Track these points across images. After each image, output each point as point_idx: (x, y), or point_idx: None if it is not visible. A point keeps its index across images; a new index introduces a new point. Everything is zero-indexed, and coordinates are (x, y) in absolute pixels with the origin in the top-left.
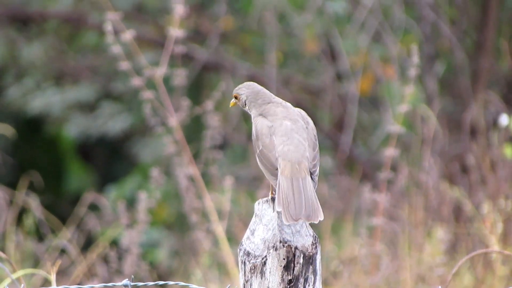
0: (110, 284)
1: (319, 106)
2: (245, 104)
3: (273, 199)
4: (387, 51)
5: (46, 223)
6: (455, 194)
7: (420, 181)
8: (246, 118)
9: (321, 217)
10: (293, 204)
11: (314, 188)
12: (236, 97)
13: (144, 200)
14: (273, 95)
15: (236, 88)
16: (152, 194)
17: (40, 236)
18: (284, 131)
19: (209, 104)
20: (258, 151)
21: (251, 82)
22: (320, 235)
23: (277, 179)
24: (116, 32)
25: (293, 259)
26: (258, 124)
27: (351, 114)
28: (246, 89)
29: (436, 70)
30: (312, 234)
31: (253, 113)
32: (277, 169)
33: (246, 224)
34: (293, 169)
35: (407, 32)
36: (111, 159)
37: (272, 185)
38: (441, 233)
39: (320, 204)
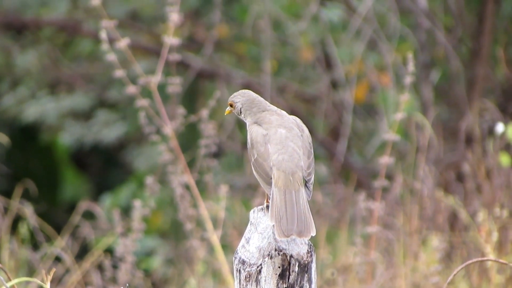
0: None
1: (314, 114)
2: (240, 112)
3: (268, 207)
4: (382, 59)
5: (41, 231)
6: (450, 202)
7: (415, 189)
8: (241, 126)
9: (313, 232)
10: (285, 219)
11: (309, 197)
12: (231, 105)
13: (139, 208)
14: (268, 103)
15: (231, 96)
16: (147, 202)
17: (34, 244)
18: (279, 139)
19: (204, 112)
20: (253, 160)
21: (246, 90)
22: (315, 244)
23: (271, 188)
24: (111, 40)
25: (288, 267)
26: (253, 132)
27: (346, 122)
28: (241, 97)
29: (432, 78)
30: (307, 242)
31: (248, 121)
32: (271, 178)
33: (241, 232)
34: (287, 180)
35: (402, 40)
36: (106, 167)
37: (267, 193)
38: (436, 242)
39: (315, 213)
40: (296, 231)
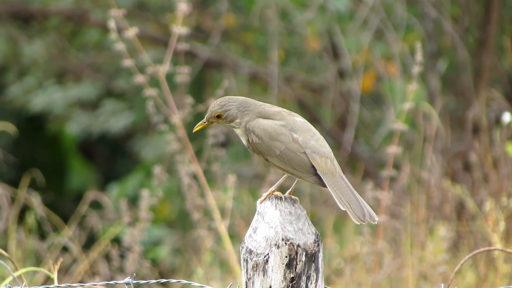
0: (112, 282)
1: (321, 104)
2: (236, 117)
3: (276, 197)
4: (389, 48)
5: (48, 221)
6: (458, 192)
7: (422, 179)
8: None
9: (376, 216)
10: (354, 204)
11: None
12: (219, 116)
13: (146, 198)
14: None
15: (217, 108)
16: (155, 192)
17: (42, 234)
18: (303, 127)
19: (211, 102)
20: (278, 152)
21: (227, 97)
22: (323, 233)
23: (313, 175)
24: (119, 30)
25: (295, 257)
26: (265, 125)
27: (353, 111)
28: (233, 102)
29: (439, 68)
30: (314, 232)
31: (245, 120)
32: (312, 166)
33: (248, 222)
34: (331, 165)
35: (409, 30)
36: (113, 157)
37: (279, 182)
38: (443, 231)
39: (323, 202)
40: (367, 215)
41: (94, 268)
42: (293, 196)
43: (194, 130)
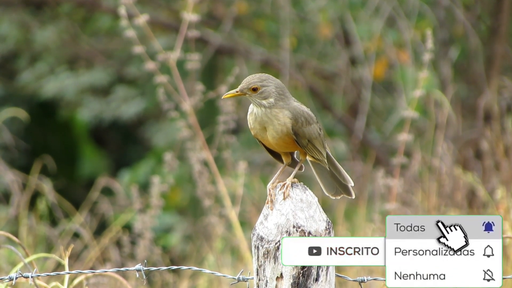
0: (123, 268)
1: (332, 91)
2: (271, 96)
3: (293, 184)
4: (401, 36)
5: (59, 207)
6: (469, 179)
7: (434, 166)
8: None
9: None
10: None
11: None
12: (255, 89)
13: (157, 185)
14: None
15: (256, 80)
16: (166, 179)
17: (53, 220)
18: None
19: (222, 89)
20: (317, 135)
21: (266, 74)
22: (334, 220)
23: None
24: (130, 16)
25: None
26: (307, 109)
27: (365, 99)
28: (272, 81)
29: (450, 56)
30: (325, 219)
31: (281, 104)
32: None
33: (259, 209)
34: None
35: (421, 17)
36: (124, 144)
37: (296, 170)
38: None
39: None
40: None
41: (105, 255)
42: (296, 181)
43: (223, 97)
